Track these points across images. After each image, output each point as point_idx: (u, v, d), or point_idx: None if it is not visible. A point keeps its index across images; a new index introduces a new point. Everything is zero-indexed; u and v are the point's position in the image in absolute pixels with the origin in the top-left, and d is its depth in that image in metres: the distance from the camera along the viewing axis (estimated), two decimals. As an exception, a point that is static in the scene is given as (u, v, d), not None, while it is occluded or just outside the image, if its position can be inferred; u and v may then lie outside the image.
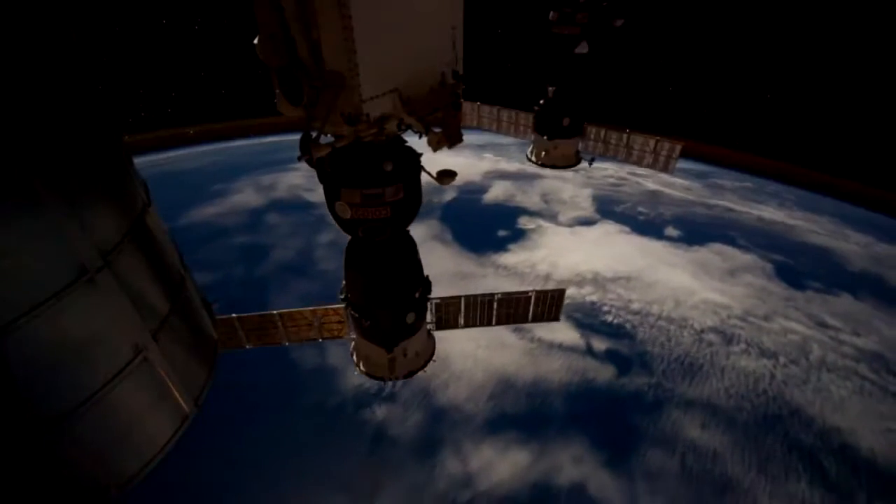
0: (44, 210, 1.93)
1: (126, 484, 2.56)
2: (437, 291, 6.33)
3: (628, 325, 21.51)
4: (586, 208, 31.02)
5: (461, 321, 7.28)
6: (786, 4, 31.37)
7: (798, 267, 24.38)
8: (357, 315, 5.80)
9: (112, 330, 2.33)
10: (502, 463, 16.84)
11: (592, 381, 19.35)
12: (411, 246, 5.63)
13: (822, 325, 20.65)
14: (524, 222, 29.80)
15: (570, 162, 10.69)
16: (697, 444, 16.63)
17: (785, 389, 18.08)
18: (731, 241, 26.61)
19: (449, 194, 32.71)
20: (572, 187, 33.12)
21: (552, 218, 30.00)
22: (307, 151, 3.83)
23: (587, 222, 29.65)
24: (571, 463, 16.72)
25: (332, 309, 7.05)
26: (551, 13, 8.81)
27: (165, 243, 2.94)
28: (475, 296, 7.18)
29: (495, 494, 16.07)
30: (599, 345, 20.86)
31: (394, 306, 5.63)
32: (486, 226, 29.81)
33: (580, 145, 10.61)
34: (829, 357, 19.16)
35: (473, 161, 38.29)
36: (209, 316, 3.51)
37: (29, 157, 1.89)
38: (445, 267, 25.49)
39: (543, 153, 10.55)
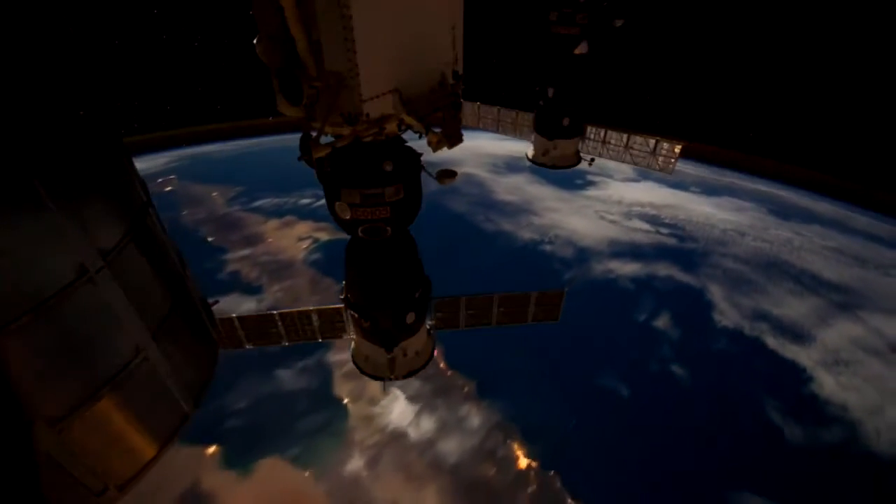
0: (44, 210, 1.92)
1: (125, 484, 2.56)
2: (548, 205, 7.00)
3: (678, 225, 37.05)
4: (629, 173, 44.68)
5: (461, 321, 7.28)
6: (782, 6, 31.71)
7: (784, 212, 38.58)
8: (357, 315, 5.79)
9: (112, 330, 2.33)
10: (624, 267, 32.28)
11: (664, 244, 34.85)
12: (411, 246, 5.61)
13: (800, 234, 35.62)
14: (590, 178, 43.45)
15: (571, 162, 10.70)
16: (731, 268, 32.12)
17: (779, 255, 33.33)
18: (736, 197, 40.70)
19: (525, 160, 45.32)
20: (614, 163, 40.96)
21: (609, 176, 44.08)
22: (307, 152, 3.82)
23: (634, 180, 43.86)
24: (662, 269, 32.33)
25: (331, 309, 7.05)
26: (551, 13, 8.80)
27: (165, 243, 2.94)
28: (475, 296, 7.17)
29: (626, 276, 31.65)
30: (663, 230, 36.38)
31: (394, 306, 5.62)
32: (563, 178, 42.54)
33: (580, 145, 10.61)
34: (805, 245, 34.25)
35: (528, 146, 47.88)
36: (209, 316, 3.50)
37: (29, 158, 1.89)
38: (548, 194, 40.60)
39: (543, 153, 10.55)
